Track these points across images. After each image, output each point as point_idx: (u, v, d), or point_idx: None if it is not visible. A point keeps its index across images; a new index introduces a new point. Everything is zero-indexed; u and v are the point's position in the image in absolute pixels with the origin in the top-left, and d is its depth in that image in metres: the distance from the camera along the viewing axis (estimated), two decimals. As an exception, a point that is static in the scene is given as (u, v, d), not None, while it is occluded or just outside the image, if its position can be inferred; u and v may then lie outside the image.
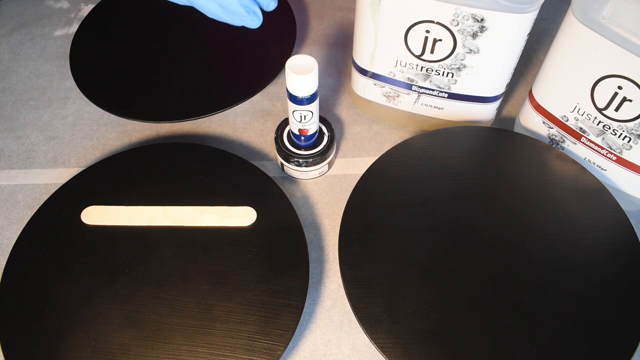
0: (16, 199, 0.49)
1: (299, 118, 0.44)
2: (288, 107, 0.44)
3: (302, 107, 0.43)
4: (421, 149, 0.47)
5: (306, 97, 0.42)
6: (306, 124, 0.45)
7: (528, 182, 0.45)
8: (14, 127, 0.54)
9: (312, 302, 0.44)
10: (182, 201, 0.45)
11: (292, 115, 0.44)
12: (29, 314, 0.40)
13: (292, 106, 0.43)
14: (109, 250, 0.43)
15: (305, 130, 0.46)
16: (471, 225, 0.43)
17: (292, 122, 0.45)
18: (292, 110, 0.44)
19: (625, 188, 0.46)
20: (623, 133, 0.42)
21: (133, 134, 0.54)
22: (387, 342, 0.37)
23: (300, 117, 0.44)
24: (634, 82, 0.39)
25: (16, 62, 0.60)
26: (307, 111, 0.43)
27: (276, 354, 0.38)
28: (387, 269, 0.40)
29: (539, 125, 0.48)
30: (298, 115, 0.44)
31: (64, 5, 0.65)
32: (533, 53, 0.60)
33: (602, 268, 0.40)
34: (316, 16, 0.63)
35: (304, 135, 0.46)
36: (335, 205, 0.49)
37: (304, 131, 0.46)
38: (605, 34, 0.38)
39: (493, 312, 0.39)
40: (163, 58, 0.58)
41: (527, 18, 0.41)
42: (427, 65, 0.46)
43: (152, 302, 0.41)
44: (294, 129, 0.46)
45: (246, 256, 0.43)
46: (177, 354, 0.38)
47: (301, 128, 0.45)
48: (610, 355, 0.37)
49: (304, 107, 0.43)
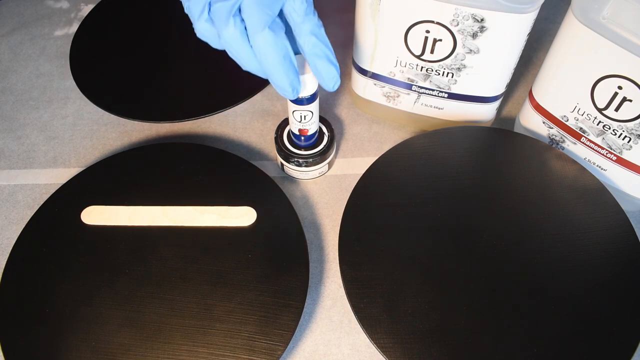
0: (16, 199, 0.49)
1: (299, 118, 0.44)
2: (288, 107, 0.44)
3: (302, 107, 0.43)
4: (421, 149, 0.47)
5: (306, 97, 0.42)
6: (306, 124, 0.45)
7: (528, 182, 0.45)
8: (14, 127, 0.54)
9: (312, 302, 0.44)
10: (182, 201, 0.45)
11: (292, 115, 0.44)
12: (29, 314, 0.40)
13: (292, 106, 0.43)
14: (109, 250, 0.43)
15: (305, 130, 0.46)
16: (471, 225, 0.43)
17: (292, 122, 0.45)
18: (292, 111, 0.44)
19: (625, 188, 0.46)
20: (623, 133, 0.42)
21: (133, 134, 0.54)
22: (387, 342, 0.37)
23: (300, 117, 0.44)
24: (634, 82, 0.39)
25: (16, 62, 0.60)
26: (307, 111, 0.43)
27: (276, 354, 0.38)
28: (387, 269, 0.40)
29: (539, 125, 0.48)
30: (298, 115, 0.44)
31: (64, 5, 0.65)
32: (533, 53, 0.60)
33: (602, 268, 0.40)
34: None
35: (304, 135, 0.46)
36: (335, 205, 0.49)
37: (304, 131, 0.46)
38: (605, 34, 0.38)
39: (493, 312, 0.39)
40: (163, 58, 0.58)
41: (527, 18, 0.41)
42: (427, 65, 0.46)
43: (152, 302, 0.40)
44: (294, 129, 0.46)
45: (246, 256, 0.43)
46: (177, 354, 0.38)
47: (301, 128, 0.45)
48: (610, 355, 0.37)
49: (304, 107, 0.43)
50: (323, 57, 0.34)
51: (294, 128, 0.46)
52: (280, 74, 0.33)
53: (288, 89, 0.35)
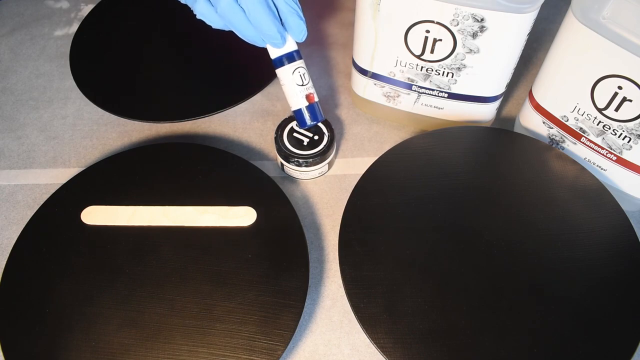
0: (16, 199, 0.49)
1: (300, 80, 0.44)
2: (286, 86, 0.44)
3: (296, 63, 0.43)
4: (421, 149, 0.47)
5: (295, 50, 0.43)
6: (309, 86, 0.44)
7: (528, 182, 0.45)
8: (14, 127, 0.54)
9: (312, 302, 0.44)
10: (182, 201, 0.45)
11: (294, 81, 0.44)
12: (29, 314, 0.40)
13: (287, 72, 0.43)
14: (109, 250, 0.43)
15: (312, 96, 0.44)
16: (471, 225, 0.43)
17: (295, 94, 0.44)
18: (293, 71, 0.43)
19: (625, 188, 0.46)
20: (623, 133, 0.42)
21: (133, 134, 0.54)
22: (387, 342, 0.37)
23: (300, 79, 0.44)
24: (634, 82, 0.39)
25: (16, 62, 0.60)
26: (302, 68, 0.44)
27: (276, 354, 0.38)
28: (387, 269, 0.40)
29: (539, 125, 0.48)
30: (298, 77, 0.44)
31: (64, 5, 0.65)
32: (533, 53, 0.60)
33: (602, 268, 0.40)
34: (316, 16, 0.63)
35: (311, 102, 0.44)
36: (335, 205, 0.49)
37: (310, 97, 0.44)
38: (605, 34, 0.38)
39: (493, 312, 0.39)
40: (163, 58, 0.58)
41: (527, 18, 0.41)
42: (427, 65, 0.46)
43: (152, 302, 0.41)
44: (301, 102, 0.44)
45: (246, 256, 0.43)
46: (177, 354, 0.38)
47: (307, 93, 0.44)
48: (610, 355, 0.37)
49: (298, 63, 0.43)
50: (294, 14, 0.41)
51: (300, 100, 0.44)
52: (269, 24, 0.40)
53: (277, 37, 0.41)
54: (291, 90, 0.44)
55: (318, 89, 0.57)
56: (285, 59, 0.43)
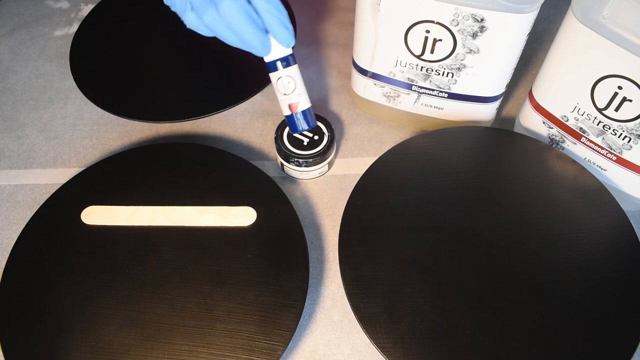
0: (16, 199, 0.49)
1: (283, 88, 0.42)
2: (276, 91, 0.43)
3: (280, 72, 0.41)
4: (421, 149, 0.47)
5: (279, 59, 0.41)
6: (292, 96, 0.42)
7: (528, 182, 0.45)
8: (14, 127, 0.54)
9: (312, 302, 0.44)
10: (182, 201, 0.45)
11: (278, 89, 0.42)
12: (29, 314, 0.40)
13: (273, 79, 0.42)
14: (109, 250, 0.43)
15: (294, 105, 0.42)
16: (471, 225, 0.43)
17: (281, 102, 0.43)
18: (276, 80, 0.42)
19: (625, 188, 0.46)
20: (623, 133, 0.42)
21: (133, 134, 0.54)
22: (387, 342, 0.37)
23: (284, 88, 0.42)
24: (634, 82, 0.39)
25: (16, 62, 0.60)
26: (287, 77, 0.42)
27: (276, 354, 0.38)
28: (387, 269, 0.40)
29: (539, 125, 0.48)
30: (281, 85, 0.42)
31: (64, 5, 0.65)
32: (533, 53, 0.60)
33: (602, 268, 0.40)
34: (316, 16, 0.63)
35: (294, 112, 0.43)
36: (335, 205, 0.49)
37: (293, 107, 0.42)
38: (605, 34, 0.38)
39: (493, 312, 0.39)
40: (163, 58, 0.58)
41: (527, 18, 0.41)
42: (427, 65, 0.46)
43: (152, 302, 0.41)
44: (285, 109, 0.43)
45: (246, 256, 0.43)
46: (177, 354, 0.38)
47: (290, 103, 0.42)
48: (610, 355, 0.37)
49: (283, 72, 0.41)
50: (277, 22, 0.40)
51: (284, 108, 0.43)
52: (249, 32, 0.39)
53: (258, 46, 0.40)
54: (278, 97, 0.43)
55: (318, 89, 0.57)
56: (271, 65, 0.42)
